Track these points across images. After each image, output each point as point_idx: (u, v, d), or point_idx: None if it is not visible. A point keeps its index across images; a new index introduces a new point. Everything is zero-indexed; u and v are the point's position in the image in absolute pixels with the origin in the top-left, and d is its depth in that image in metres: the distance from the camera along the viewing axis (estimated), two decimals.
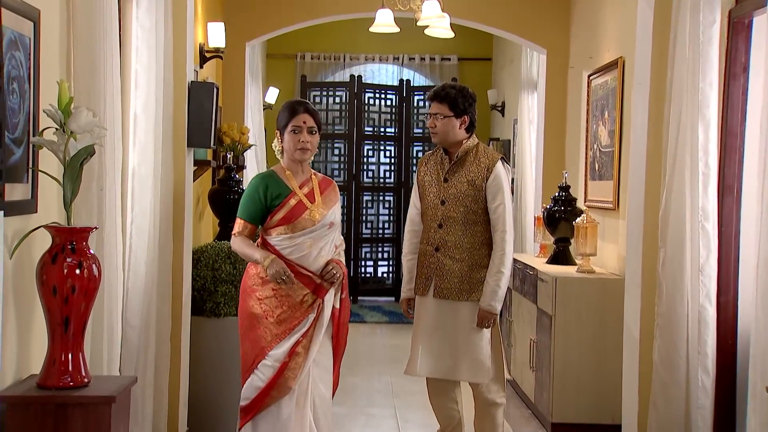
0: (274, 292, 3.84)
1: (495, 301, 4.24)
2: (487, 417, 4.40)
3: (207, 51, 6.39)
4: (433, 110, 4.36)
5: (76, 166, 2.77)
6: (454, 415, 4.47)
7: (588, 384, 5.45)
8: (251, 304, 3.86)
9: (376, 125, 10.87)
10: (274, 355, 3.80)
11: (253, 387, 3.82)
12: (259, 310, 3.83)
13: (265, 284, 3.84)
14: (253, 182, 3.97)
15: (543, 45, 7.57)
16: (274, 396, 3.80)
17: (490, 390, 4.36)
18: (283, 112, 4.00)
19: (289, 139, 3.94)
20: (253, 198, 3.90)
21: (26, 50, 2.88)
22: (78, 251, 2.77)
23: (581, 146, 6.82)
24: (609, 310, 5.41)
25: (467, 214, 4.30)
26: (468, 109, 4.35)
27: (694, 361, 4.11)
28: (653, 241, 4.32)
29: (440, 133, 4.35)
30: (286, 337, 3.81)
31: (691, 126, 4.11)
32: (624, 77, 5.75)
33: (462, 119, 4.33)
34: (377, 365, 7.52)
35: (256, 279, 3.87)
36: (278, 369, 3.79)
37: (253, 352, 3.83)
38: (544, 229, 6.49)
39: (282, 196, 3.89)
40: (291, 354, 3.81)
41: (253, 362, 3.82)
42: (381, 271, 11.07)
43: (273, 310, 3.82)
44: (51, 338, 2.76)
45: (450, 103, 4.32)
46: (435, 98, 4.37)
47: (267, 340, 3.81)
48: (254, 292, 3.86)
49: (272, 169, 4.02)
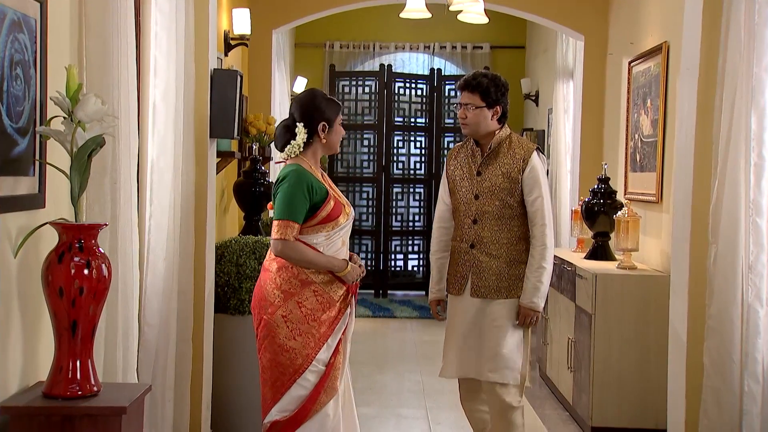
0: (314, 293, 3.62)
1: (537, 297, 4.01)
2: (504, 421, 4.15)
3: (232, 38, 6.19)
4: (463, 100, 4.12)
5: (83, 157, 2.56)
6: (486, 419, 4.26)
7: (630, 386, 5.20)
8: (290, 308, 3.60)
9: (407, 116, 10.64)
10: (320, 358, 3.62)
11: (296, 397, 3.60)
12: (300, 314, 3.60)
13: (305, 286, 3.62)
14: (295, 179, 3.61)
15: (580, 31, 7.30)
16: (322, 401, 3.61)
17: (510, 392, 4.12)
18: (330, 104, 3.75)
19: (339, 131, 3.79)
20: (300, 198, 3.59)
21: (32, 32, 2.68)
22: (86, 250, 2.56)
23: (621, 136, 6.54)
24: (652, 308, 5.16)
25: (503, 208, 4.06)
26: (501, 98, 4.10)
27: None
28: (702, 236, 4.06)
29: (471, 125, 4.11)
30: (329, 337, 3.64)
31: (746, 114, 3.85)
32: (669, 63, 5.47)
33: (494, 110, 4.09)
34: (408, 363, 7.30)
35: (295, 281, 3.62)
36: (325, 372, 3.62)
37: (294, 362, 3.59)
38: (581, 223, 6.24)
39: (323, 194, 3.65)
40: (335, 354, 3.66)
41: (295, 372, 3.59)
42: (411, 264, 10.85)
43: (314, 312, 3.62)
44: (58, 344, 2.56)
45: (482, 92, 4.07)
46: (466, 87, 4.11)
47: (311, 346, 3.60)
48: (293, 296, 3.61)
49: (301, 165, 3.70)
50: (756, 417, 3.85)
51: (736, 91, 3.88)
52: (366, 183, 10.70)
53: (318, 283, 3.63)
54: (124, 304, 3.16)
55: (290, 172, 3.65)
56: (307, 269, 3.63)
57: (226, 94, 4.69)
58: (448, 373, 4.20)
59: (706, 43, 4.12)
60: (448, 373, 4.20)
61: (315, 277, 3.63)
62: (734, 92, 3.89)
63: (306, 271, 3.62)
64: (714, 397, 3.98)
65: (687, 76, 4.30)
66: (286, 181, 3.62)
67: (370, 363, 7.02)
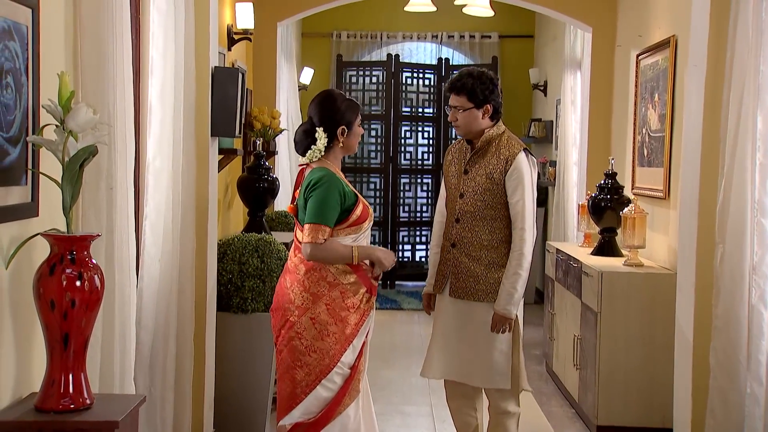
0: (342, 294, 3.61)
1: (510, 305, 3.92)
2: (499, 427, 4.11)
3: (235, 33, 6.14)
4: (452, 103, 4.05)
5: (75, 168, 2.52)
6: (471, 422, 4.22)
7: (636, 385, 5.16)
8: (318, 311, 3.58)
9: (414, 106, 10.58)
10: (346, 360, 3.61)
11: (320, 399, 3.58)
12: (328, 317, 3.58)
13: (333, 288, 3.61)
14: (328, 184, 3.59)
15: (588, 23, 7.21)
16: (345, 403, 3.61)
17: (504, 398, 4.07)
18: (350, 108, 3.73)
19: (358, 133, 3.78)
20: (333, 203, 3.58)
21: (23, 40, 2.63)
22: (78, 261, 2.52)
23: (629, 130, 6.47)
24: (659, 306, 5.11)
25: (485, 209, 3.99)
26: (489, 96, 4.01)
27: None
28: (709, 235, 4.01)
29: (462, 126, 4.05)
30: (354, 339, 3.62)
31: (753, 112, 3.78)
32: (677, 57, 5.39)
33: (484, 108, 4.01)
34: (414, 356, 7.24)
35: (324, 284, 3.60)
36: (350, 374, 3.61)
37: (321, 362, 3.58)
38: (588, 218, 6.18)
39: (353, 198, 3.65)
40: (360, 356, 3.65)
41: (321, 373, 3.58)
42: (419, 255, 10.81)
43: (341, 313, 3.60)
44: (50, 356, 2.52)
45: (468, 93, 4.00)
46: (452, 90, 4.05)
47: (338, 348, 3.59)
48: (321, 298, 3.59)
49: (330, 170, 3.67)
50: (759, 419, 3.80)
51: (743, 89, 3.81)
52: (373, 173, 10.66)
53: (345, 284, 3.62)
54: (121, 310, 3.12)
55: (322, 176, 3.62)
56: (335, 271, 3.61)
57: (228, 92, 4.65)
58: (429, 373, 4.17)
59: (713, 38, 4.05)
60: (429, 373, 4.17)
61: (343, 279, 3.62)
62: (742, 90, 3.82)
63: (333, 272, 3.61)
64: (721, 398, 3.94)
65: (694, 71, 4.23)
66: (319, 186, 3.60)
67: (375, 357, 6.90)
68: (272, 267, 4.89)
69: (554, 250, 6.49)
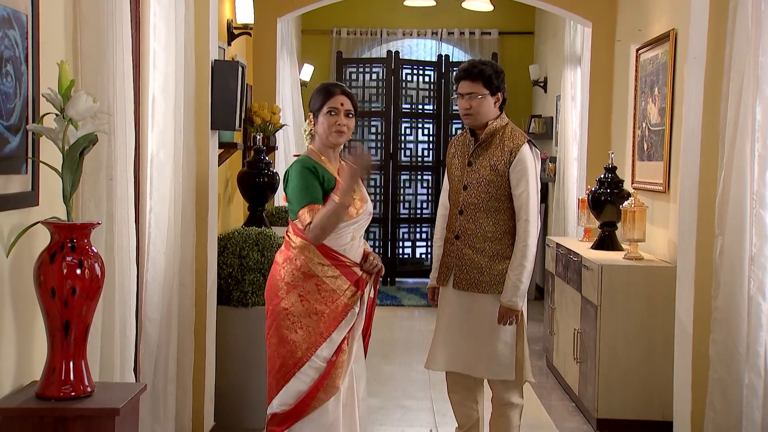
0: (317, 287, 3.55)
1: (516, 296, 3.93)
2: (502, 418, 4.11)
3: (235, 27, 6.14)
4: (465, 90, 4.04)
5: (75, 156, 2.52)
6: (472, 414, 4.22)
7: (636, 378, 5.16)
8: (292, 301, 3.54)
9: (414, 102, 10.57)
10: (321, 354, 3.54)
11: (295, 391, 3.54)
12: (301, 308, 3.53)
13: (308, 279, 3.55)
14: (300, 167, 3.57)
15: (588, 18, 7.21)
16: (321, 398, 3.54)
17: (508, 389, 4.07)
18: (317, 94, 3.70)
19: (324, 121, 3.64)
20: (310, 180, 3.53)
21: (23, 28, 2.64)
22: (79, 249, 2.52)
23: (628, 124, 6.47)
24: (659, 299, 5.11)
25: (489, 200, 4.00)
26: (501, 85, 4.06)
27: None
28: (708, 227, 4.01)
29: (476, 114, 4.04)
30: (331, 334, 3.56)
31: (752, 104, 3.78)
32: (676, 51, 5.39)
33: (496, 97, 4.05)
34: (414, 352, 7.27)
35: (298, 274, 3.56)
36: (326, 369, 3.54)
37: (293, 355, 3.53)
38: (588, 212, 6.18)
39: (332, 182, 3.58)
40: (338, 352, 3.57)
41: (295, 365, 3.53)
42: (419, 252, 10.82)
43: (316, 305, 3.54)
44: (50, 344, 2.53)
45: (485, 80, 4.01)
46: (467, 77, 4.04)
47: (311, 341, 3.53)
48: (295, 288, 3.55)
49: (307, 155, 3.66)
50: (757, 410, 3.80)
51: (743, 81, 3.81)
52: (373, 170, 10.66)
53: (321, 277, 3.56)
54: (122, 300, 3.13)
55: (293, 163, 3.65)
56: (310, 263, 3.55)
57: (228, 85, 4.66)
58: (433, 364, 4.17)
59: (713, 32, 4.06)
60: (433, 365, 4.18)
61: (318, 270, 3.56)
62: (741, 82, 3.82)
63: (309, 264, 3.56)
64: (720, 390, 3.94)
65: (694, 64, 4.23)
66: (291, 171, 3.62)
67: (376, 353, 6.97)
68: (272, 261, 4.88)
69: (554, 244, 6.50)
